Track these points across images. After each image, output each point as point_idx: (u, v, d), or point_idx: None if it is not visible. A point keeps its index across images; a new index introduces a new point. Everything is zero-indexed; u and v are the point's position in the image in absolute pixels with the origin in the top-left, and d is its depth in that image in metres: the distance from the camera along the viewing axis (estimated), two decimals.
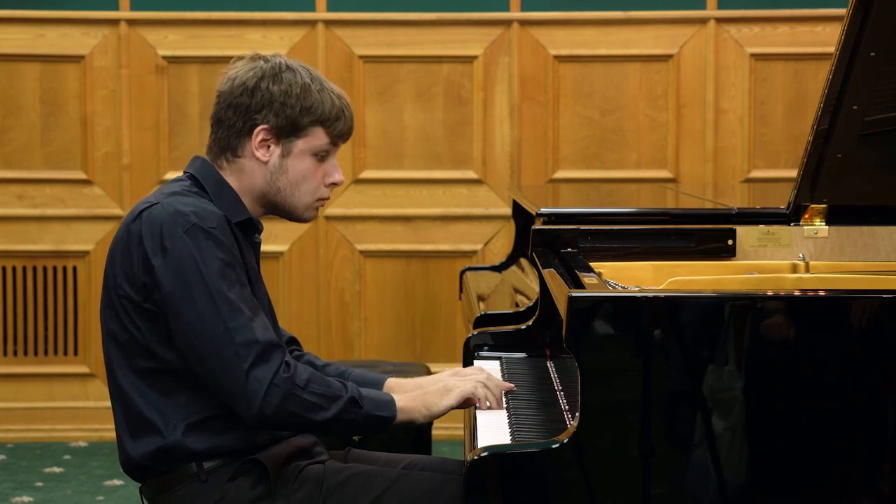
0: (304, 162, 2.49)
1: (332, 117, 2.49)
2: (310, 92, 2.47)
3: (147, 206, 2.42)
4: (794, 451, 2.13)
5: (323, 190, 2.53)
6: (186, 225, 2.36)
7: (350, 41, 5.48)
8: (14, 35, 5.47)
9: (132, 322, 2.40)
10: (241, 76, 2.49)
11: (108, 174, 5.49)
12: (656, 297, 2.16)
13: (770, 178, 5.39)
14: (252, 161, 2.49)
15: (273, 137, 2.48)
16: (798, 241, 3.02)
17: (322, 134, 2.49)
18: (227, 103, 2.49)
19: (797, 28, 5.45)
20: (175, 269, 2.35)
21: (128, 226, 2.43)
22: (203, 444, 2.40)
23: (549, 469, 2.14)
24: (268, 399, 2.33)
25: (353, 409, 2.39)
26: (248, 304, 2.37)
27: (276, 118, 2.46)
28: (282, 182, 2.50)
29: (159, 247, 2.36)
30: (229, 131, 2.49)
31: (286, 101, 2.46)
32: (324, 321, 5.51)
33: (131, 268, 2.39)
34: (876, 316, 2.14)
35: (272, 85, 2.46)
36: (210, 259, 2.35)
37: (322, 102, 2.48)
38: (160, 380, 2.41)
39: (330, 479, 2.44)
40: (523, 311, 3.09)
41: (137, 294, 2.38)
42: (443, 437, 4.93)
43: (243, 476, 2.41)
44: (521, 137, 5.50)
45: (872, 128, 2.84)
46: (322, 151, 2.51)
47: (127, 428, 2.45)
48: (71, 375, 5.53)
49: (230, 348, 2.33)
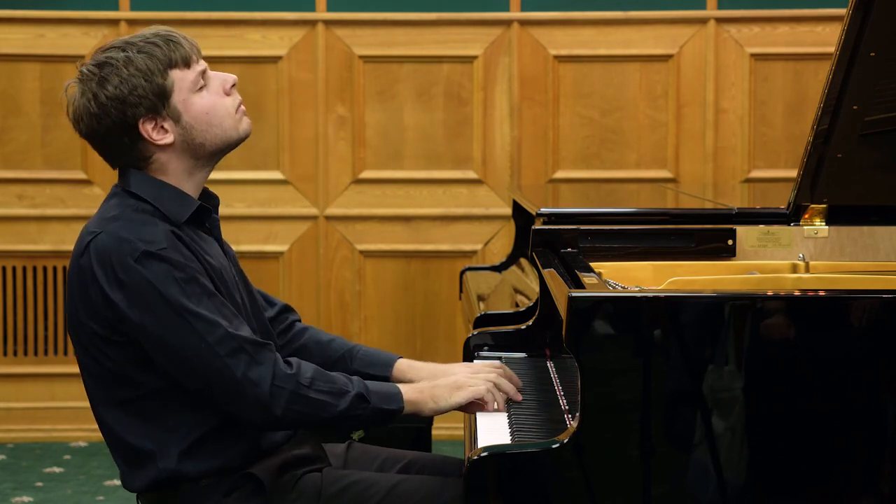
0: (194, 104, 2.41)
1: (170, 54, 2.38)
2: (135, 61, 2.36)
3: (92, 238, 2.35)
4: (794, 451, 2.13)
5: (230, 100, 2.44)
6: (136, 253, 2.29)
7: (350, 41, 5.48)
8: (14, 35, 5.47)
9: (104, 354, 2.35)
10: (81, 109, 2.38)
11: (108, 174, 5.47)
12: (656, 297, 2.16)
13: (770, 178, 5.39)
14: (162, 151, 2.40)
15: (156, 116, 2.38)
16: (798, 241, 3.02)
17: (179, 73, 2.39)
18: (98, 137, 2.40)
19: (797, 28, 5.45)
20: (138, 302, 2.29)
21: (78, 260, 2.37)
22: (200, 467, 2.36)
23: (549, 469, 2.14)
24: (274, 401, 2.29)
25: (361, 405, 2.35)
26: (221, 313, 2.32)
27: (141, 106, 2.36)
28: (197, 135, 2.41)
29: (115, 280, 2.30)
30: (123, 150, 2.41)
31: (131, 88, 2.35)
32: (324, 321, 5.51)
33: (91, 306, 2.33)
34: (876, 316, 2.14)
35: (108, 89, 2.36)
36: (169, 282, 2.29)
37: (151, 56, 2.37)
38: (145, 406, 2.36)
39: (327, 488, 2.41)
40: (523, 311, 3.08)
41: (103, 329, 2.33)
42: (443, 437, 4.93)
43: (238, 490, 2.38)
44: (521, 137, 5.50)
45: (872, 128, 2.84)
46: (195, 82, 2.41)
47: (119, 458, 2.42)
48: (71, 375, 5.50)
49: (217, 362, 2.29)
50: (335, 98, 5.50)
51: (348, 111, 5.50)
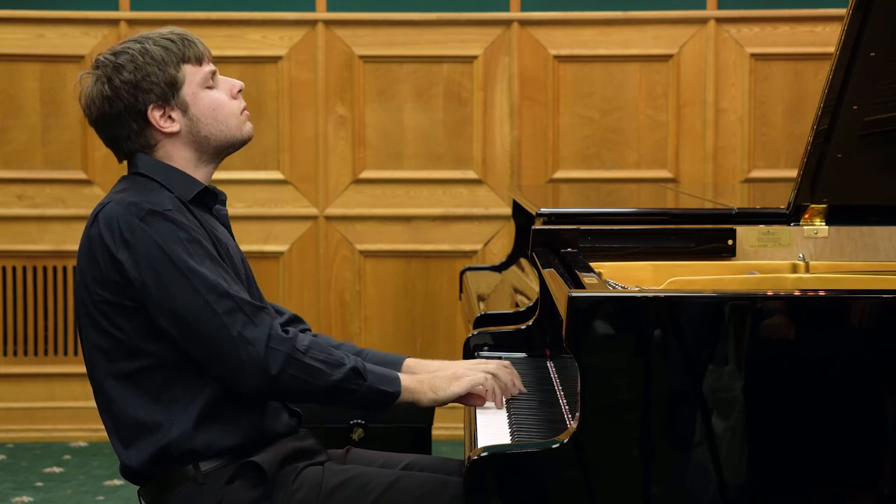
0: (203, 98, 2.50)
1: (184, 50, 2.48)
2: (150, 51, 2.47)
3: (100, 208, 2.43)
4: (794, 450, 2.13)
5: (236, 103, 2.54)
6: (141, 213, 2.38)
7: (350, 41, 5.49)
8: (14, 35, 5.47)
9: (113, 324, 2.39)
10: (94, 93, 2.48)
11: (108, 174, 5.49)
12: (656, 297, 2.16)
13: (770, 178, 5.39)
14: (168, 139, 2.50)
15: (165, 105, 2.47)
16: (798, 241, 3.02)
17: (192, 68, 2.49)
18: (107, 122, 2.50)
19: (797, 28, 5.45)
20: (142, 259, 2.36)
21: (87, 231, 2.44)
22: (204, 438, 2.38)
23: (549, 469, 2.14)
24: (269, 362, 2.33)
25: (356, 380, 2.39)
26: (221, 276, 2.38)
27: (151, 93, 2.46)
28: (203, 129, 2.50)
29: (121, 240, 2.37)
30: (131, 136, 2.50)
31: (144, 74, 2.45)
32: (324, 321, 5.51)
33: (100, 271, 2.39)
34: (876, 316, 2.14)
35: (122, 75, 2.46)
36: (172, 240, 2.37)
37: (165, 48, 2.47)
38: (152, 377, 2.39)
39: (328, 480, 2.43)
40: (523, 311, 3.08)
41: (113, 295, 2.38)
42: (443, 437, 4.93)
43: (241, 479, 2.40)
44: (521, 137, 5.50)
45: (872, 128, 2.84)
46: (205, 79, 2.50)
47: (119, 437, 2.43)
48: (71, 375, 5.52)
49: (215, 320, 2.34)
50: (335, 98, 5.50)
51: (348, 111, 5.50)
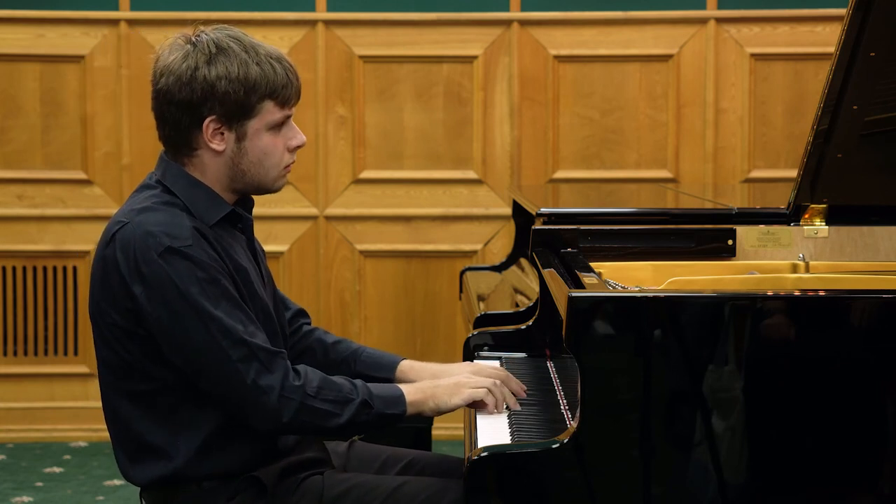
0: (261, 139, 2.39)
1: (279, 87, 2.36)
2: (249, 69, 2.34)
3: (118, 228, 2.34)
4: (794, 450, 2.13)
5: (287, 157, 2.43)
6: (160, 248, 2.29)
7: (350, 41, 5.48)
8: (14, 35, 5.47)
9: (123, 347, 2.35)
10: (175, 68, 2.35)
11: (108, 174, 5.49)
12: (656, 297, 2.16)
13: (770, 178, 5.39)
14: (208, 152, 2.39)
15: (224, 125, 2.36)
16: (798, 241, 3.02)
17: (272, 107, 2.37)
18: (165, 100, 2.37)
19: (797, 28, 5.45)
20: (157, 296, 2.29)
21: (102, 252, 2.36)
22: (209, 468, 2.36)
23: (549, 469, 2.14)
24: (282, 411, 2.30)
25: (365, 411, 2.37)
26: (237, 318, 2.31)
27: (221, 107, 2.34)
28: (244, 165, 2.40)
29: (136, 273, 2.30)
30: (177, 128, 2.38)
31: (228, 87, 2.33)
32: (324, 321, 5.51)
33: (113, 296, 2.33)
34: (876, 316, 2.14)
35: (209, 72, 2.34)
36: (189, 280, 2.29)
37: (265, 76, 2.35)
38: (160, 400, 2.36)
39: (329, 490, 2.42)
40: (523, 311, 3.08)
41: (125, 321, 2.33)
42: (443, 437, 4.93)
43: (241, 494, 2.38)
44: (521, 137, 5.50)
45: (872, 128, 2.84)
46: (277, 123, 2.40)
47: (123, 450, 2.41)
48: (71, 375, 5.52)
49: (230, 366, 2.29)
50: (335, 98, 5.50)
51: (348, 111, 5.50)
